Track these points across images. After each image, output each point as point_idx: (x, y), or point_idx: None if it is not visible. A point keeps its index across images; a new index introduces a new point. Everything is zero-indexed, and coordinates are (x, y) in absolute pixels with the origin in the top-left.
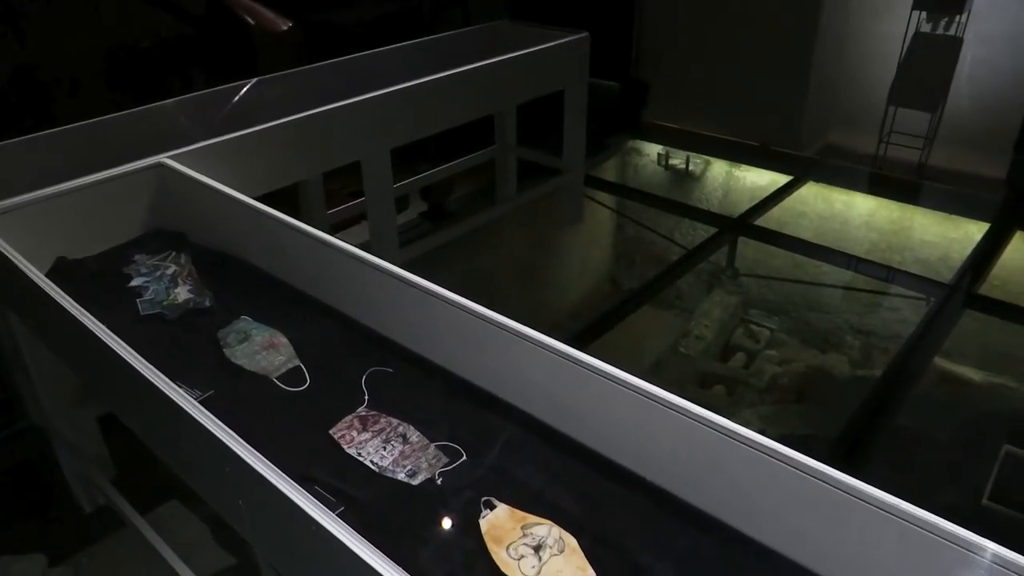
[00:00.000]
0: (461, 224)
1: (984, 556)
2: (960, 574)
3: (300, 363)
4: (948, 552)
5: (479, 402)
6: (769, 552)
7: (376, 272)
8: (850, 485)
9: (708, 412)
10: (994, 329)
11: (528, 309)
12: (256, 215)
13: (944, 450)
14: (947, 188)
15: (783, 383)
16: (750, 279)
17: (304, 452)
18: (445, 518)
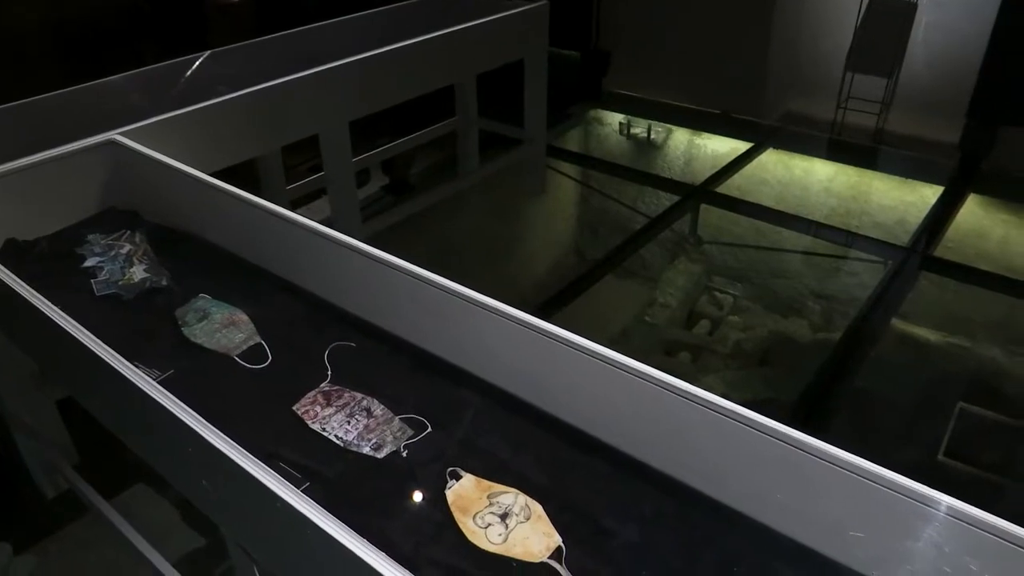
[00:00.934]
0: (423, 197)
1: (939, 509)
2: (916, 527)
3: (261, 340)
4: (904, 506)
5: (444, 374)
6: (731, 512)
7: (337, 246)
8: (808, 444)
9: (671, 377)
10: (949, 291)
11: (493, 281)
12: (212, 191)
13: (901, 409)
14: (903, 153)
15: (747, 348)
16: (713, 246)
17: (268, 429)
18: (411, 490)
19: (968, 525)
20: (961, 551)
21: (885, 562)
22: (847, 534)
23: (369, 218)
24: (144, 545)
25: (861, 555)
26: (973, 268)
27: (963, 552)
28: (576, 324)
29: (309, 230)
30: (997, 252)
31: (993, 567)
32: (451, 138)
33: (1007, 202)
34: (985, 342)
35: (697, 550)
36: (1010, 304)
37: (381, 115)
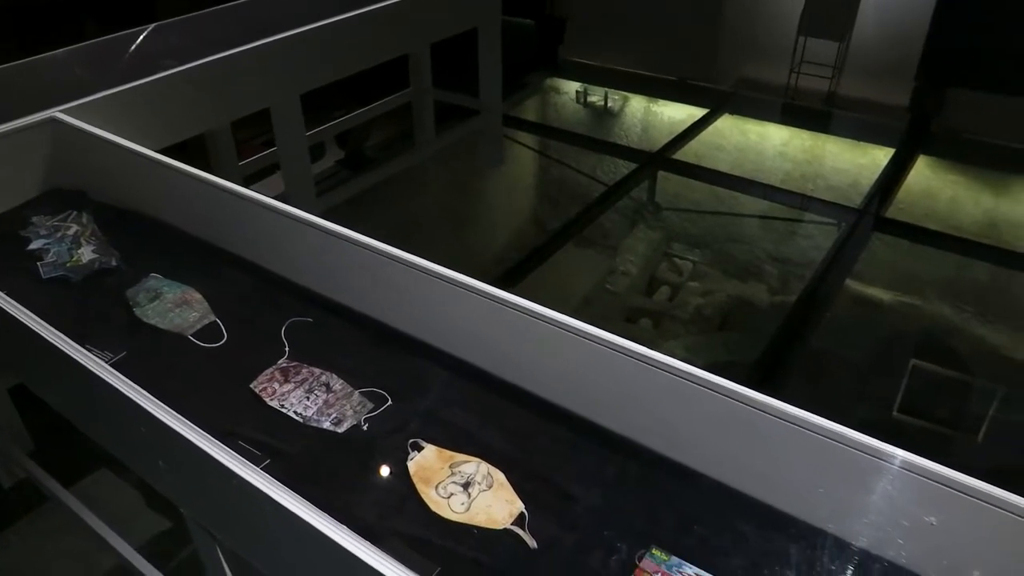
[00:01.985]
0: (380, 170)
1: (893, 463)
2: (873, 480)
3: (216, 318)
4: (861, 461)
5: (403, 347)
6: (692, 473)
7: (291, 221)
8: (766, 404)
9: (631, 343)
10: (901, 250)
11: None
12: (161, 169)
13: (856, 368)
14: (855, 116)
15: (706, 313)
16: (671, 213)
17: (225, 408)
18: (373, 463)
19: (921, 477)
20: (915, 502)
21: (842, 516)
22: (805, 490)
23: (324, 192)
24: (107, 531)
25: (819, 510)
26: (923, 228)
27: (917, 503)
28: (537, 294)
29: (262, 205)
30: (946, 212)
31: (946, 516)
32: (406, 110)
33: (956, 163)
34: (935, 300)
35: (659, 511)
36: (958, 262)
37: (334, 87)
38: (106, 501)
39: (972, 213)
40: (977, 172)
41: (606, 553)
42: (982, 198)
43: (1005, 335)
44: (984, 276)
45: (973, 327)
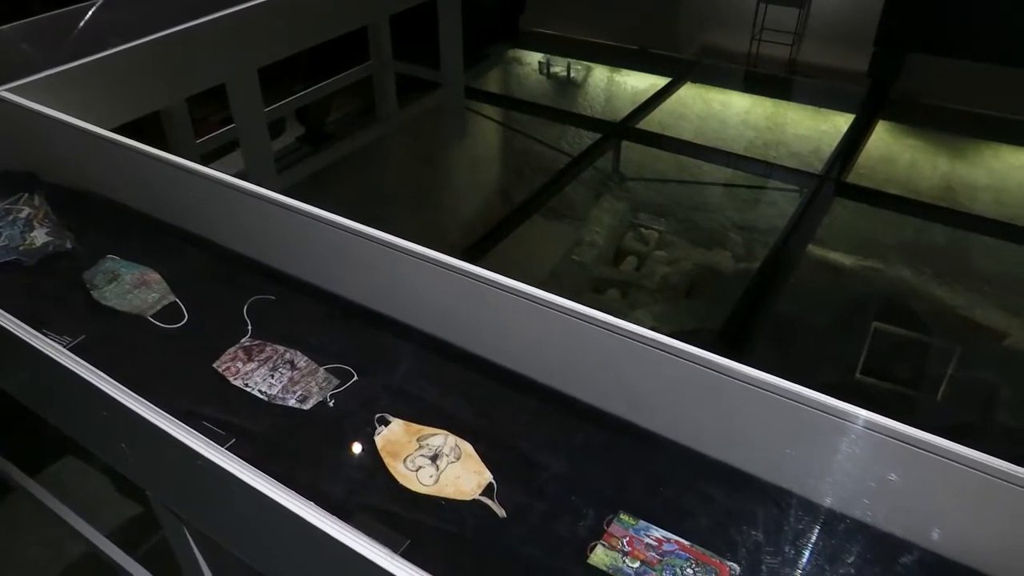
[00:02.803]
0: (342, 145)
1: (857, 423)
2: (837, 441)
3: (176, 299)
4: (826, 422)
5: (369, 322)
6: (658, 438)
7: (251, 198)
8: (730, 368)
9: (597, 312)
10: (862, 215)
11: (418, 227)
12: (114, 148)
13: (820, 332)
14: (816, 83)
15: (673, 282)
16: (637, 183)
17: (188, 389)
18: (340, 439)
19: (885, 436)
20: (880, 461)
21: (808, 476)
22: (770, 452)
23: (286, 169)
24: (75, 519)
25: (785, 471)
26: (883, 193)
27: (881, 462)
28: (505, 267)
29: (221, 183)
30: (905, 176)
31: (909, 473)
32: (367, 84)
33: (914, 128)
34: (896, 263)
35: (625, 476)
36: (917, 226)
37: (292, 62)
38: (74, 488)
39: (930, 177)
40: (935, 136)
41: (574, 519)
42: (939, 162)
43: (962, 296)
44: (941, 238)
45: (932, 288)
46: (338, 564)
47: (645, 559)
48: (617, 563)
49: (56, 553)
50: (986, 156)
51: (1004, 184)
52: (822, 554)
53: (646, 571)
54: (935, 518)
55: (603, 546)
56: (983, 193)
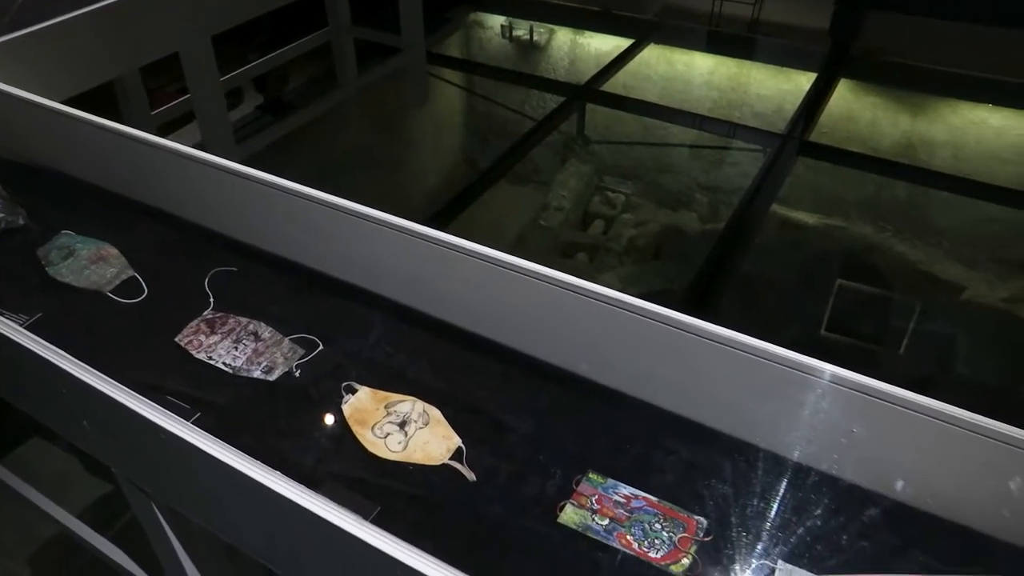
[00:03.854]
0: (302, 114)
1: (823, 377)
2: (802, 395)
3: (135, 273)
4: (793, 377)
5: (333, 292)
6: (624, 397)
7: (210, 169)
8: (695, 326)
9: (559, 273)
10: (824, 173)
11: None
12: (67, 121)
13: (785, 290)
14: (778, 42)
15: (640, 244)
16: (602, 146)
17: (150, 363)
18: (307, 409)
19: (850, 390)
20: (845, 414)
21: (775, 431)
22: (738, 408)
23: (245, 139)
24: (44, 501)
25: (752, 426)
26: (845, 151)
27: (847, 415)
28: (471, 233)
29: (177, 154)
30: (866, 134)
31: (875, 425)
32: (326, 50)
33: (875, 85)
34: (858, 221)
35: (593, 436)
36: (878, 183)
37: (248, 29)
38: (41, 470)
39: (891, 134)
40: (895, 94)
41: (543, 480)
42: (900, 119)
43: (922, 251)
44: (902, 194)
45: (893, 244)
46: (308, 533)
47: (614, 516)
48: (587, 521)
49: (26, 535)
50: (945, 113)
51: (962, 140)
52: (789, 506)
53: (615, 528)
54: (899, 468)
55: (572, 505)
56: (942, 149)
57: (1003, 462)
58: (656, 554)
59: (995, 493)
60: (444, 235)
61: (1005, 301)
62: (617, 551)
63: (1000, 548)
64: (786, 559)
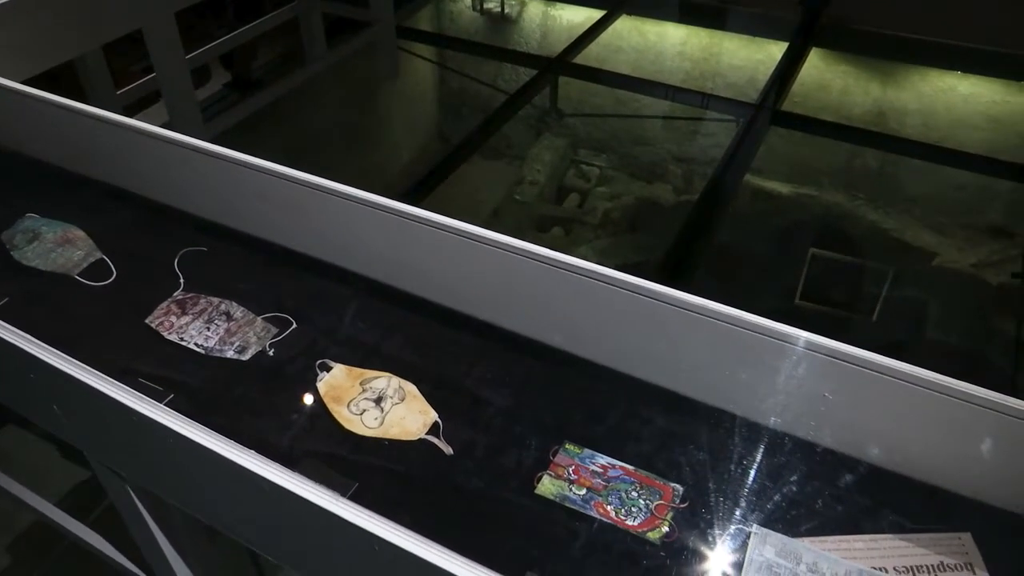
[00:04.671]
0: (271, 90)
1: (798, 344)
2: (777, 361)
3: (103, 255)
4: (768, 345)
5: (306, 269)
6: (600, 368)
7: (177, 148)
8: (668, 295)
9: (532, 245)
10: (797, 142)
11: (355, 172)
12: (27, 101)
13: (760, 260)
14: (750, 11)
15: (615, 217)
16: (575, 119)
17: (121, 347)
18: (282, 388)
19: (825, 356)
20: (821, 381)
21: (751, 398)
22: (711, 376)
23: (213, 117)
24: (21, 489)
25: (727, 394)
26: (817, 119)
27: (823, 381)
28: (445, 208)
29: (143, 133)
30: (838, 103)
31: (849, 391)
32: (294, 25)
33: (846, 54)
34: (830, 189)
35: (569, 407)
36: (850, 151)
37: (214, 4)
38: (17, 458)
39: (862, 103)
40: (866, 62)
41: (520, 452)
42: (871, 87)
43: (894, 218)
44: (874, 163)
45: (865, 212)
46: (285, 511)
47: (591, 486)
48: (564, 491)
49: (4, 525)
50: (915, 80)
51: (932, 107)
52: (765, 472)
53: (592, 497)
54: (872, 432)
55: (549, 476)
56: (912, 117)
57: (972, 422)
58: (633, 522)
59: (964, 453)
60: (417, 210)
61: (974, 267)
62: (594, 520)
63: (969, 505)
64: (761, 524)
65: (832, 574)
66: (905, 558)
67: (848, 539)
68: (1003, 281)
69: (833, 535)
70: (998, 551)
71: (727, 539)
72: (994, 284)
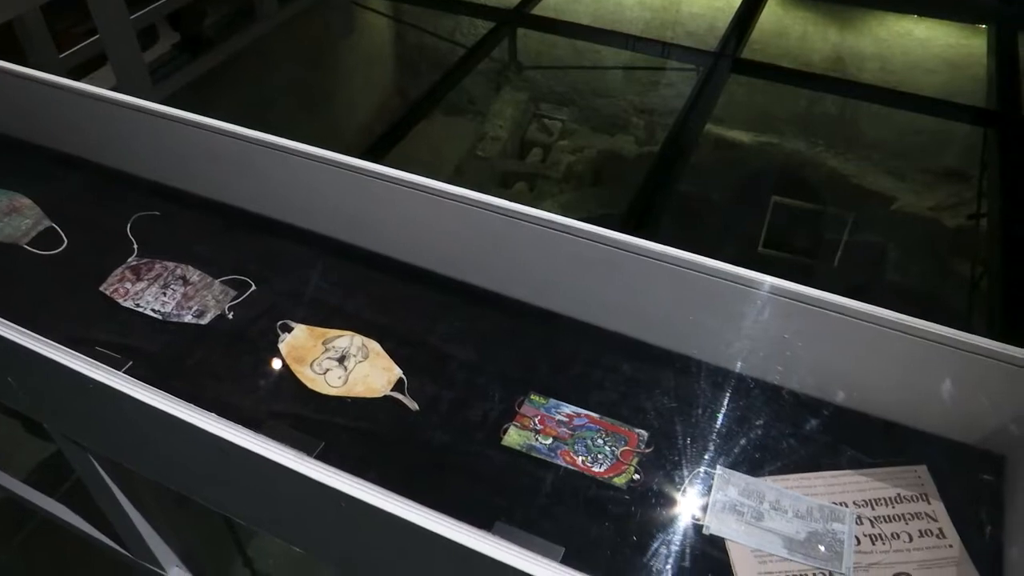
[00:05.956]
0: (222, 50)
1: (763, 289)
2: (742, 307)
3: (52, 223)
4: (732, 290)
5: (264, 230)
6: (565, 319)
7: (124, 110)
8: (635, 244)
9: (493, 198)
10: (757, 90)
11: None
12: None
13: (723, 209)
14: None
15: (578, 170)
16: (535, 72)
17: (75, 316)
18: (243, 351)
19: (787, 299)
20: (782, 322)
21: (715, 343)
22: (673, 323)
23: (163, 79)
24: None
25: (690, 341)
26: (777, 67)
27: (784, 323)
28: (407, 166)
29: (87, 95)
30: (797, 49)
31: (810, 331)
32: None
33: None
34: (791, 136)
35: (534, 358)
36: (809, 97)
37: None
38: None
39: (821, 49)
40: (824, 7)
41: (486, 405)
42: (829, 33)
43: (853, 164)
44: (833, 109)
45: (825, 159)
46: (252, 473)
47: (557, 435)
48: (530, 441)
49: None
50: (872, 24)
51: (889, 52)
52: (730, 416)
53: (559, 446)
54: (834, 372)
55: (515, 427)
56: (870, 62)
57: (928, 358)
58: (599, 468)
59: (921, 388)
60: (376, 166)
61: (932, 210)
62: (561, 468)
63: (925, 439)
64: (726, 466)
65: (794, 510)
66: (864, 492)
67: (809, 476)
68: (959, 223)
69: (795, 473)
70: (952, 481)
71: (692, 482)
72: (951, 226)
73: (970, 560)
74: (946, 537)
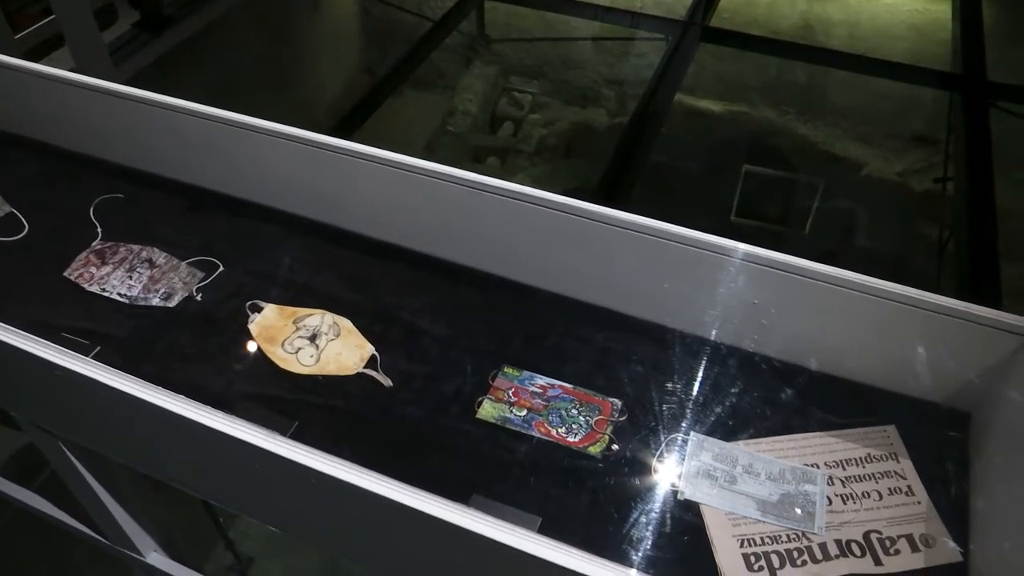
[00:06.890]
0: (183, 27)
1: (736, 256)
2: (716, 275)
3: (12, 209)
4: (706, 259)
5: (230, 211)
6: (536, 291)
7: (84, 91)
8: (606, 215)
9: (463, 172)
10: (727, 59)
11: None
12: None
13: (695, 179)
14: None
15: (550, 143)
16: (504, 44)
17: (38, 302)
18: (213, 333)
19: (759, 265)
20: (754, 289)
21: (688, 312)
22: (647, 292)
23: (124, 60)
24: None
25: (666, 309)
26: (746, 34)
27: (756, 289)
28: (377, 143)
29: (45, 77)
30: (765, 17)
31: (781, 296)
32: None
33: None
34: (761, 105)
35: (507, 331)
36: (778, 65)
37: None
38: None
39: (789, 16)
40: None
41: (460, 379)
42: (797, 0)
43: (822, 131)
44: (802, 76)
45: (795, 127)
46: (226, 456)
47: (531, 406)
48: (505, 413)
49: None
50: None
51: (857, 18)
52: (704, 383)
53: (533, 418)
54: (807, 337)
55: (490, 400)
56: (838, 28)
57: (898, 320)
58: (574, 438)
59: (889, 349)
60: (344, 143)
61: (900, 175)
62: (536, 439)
63: (893, 399)
64: (700, 432)
65: (767, 473)
66: (835, 453)
67: (781, 439)
68: (927, 187)
69: (768, 437)
70: (919, 439)
71: (667, 449)
72: (918, 191)
73: (938, 516)
74: (915, 494)
